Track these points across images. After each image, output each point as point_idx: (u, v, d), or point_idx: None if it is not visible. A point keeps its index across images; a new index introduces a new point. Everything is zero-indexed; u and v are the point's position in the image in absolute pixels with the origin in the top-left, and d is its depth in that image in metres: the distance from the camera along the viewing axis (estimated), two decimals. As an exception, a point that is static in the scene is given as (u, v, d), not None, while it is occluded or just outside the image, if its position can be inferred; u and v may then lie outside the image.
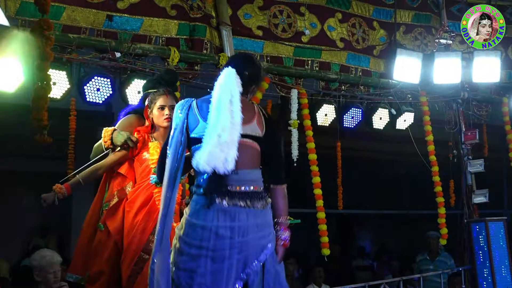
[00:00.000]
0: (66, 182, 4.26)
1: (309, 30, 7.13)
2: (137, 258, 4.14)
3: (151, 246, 4.03)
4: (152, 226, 4.16)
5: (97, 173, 4.35)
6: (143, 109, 4.60)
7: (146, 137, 4.36)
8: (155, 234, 3.49)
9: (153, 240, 4.03)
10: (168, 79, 4.73)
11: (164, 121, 4.31)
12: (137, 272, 4.12)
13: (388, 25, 7.82)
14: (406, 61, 7.37)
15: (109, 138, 4.30)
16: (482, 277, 7.37)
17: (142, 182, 4.29)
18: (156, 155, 4.23)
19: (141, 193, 4.25)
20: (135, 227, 4.19)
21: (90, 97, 5.68)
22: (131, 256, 4.15)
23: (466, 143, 7.91)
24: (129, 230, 4.20)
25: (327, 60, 7.26)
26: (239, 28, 6.64)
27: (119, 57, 5.74)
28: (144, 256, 4.13)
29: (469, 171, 7.85)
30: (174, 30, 6.18)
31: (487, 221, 7.39)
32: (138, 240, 4.17)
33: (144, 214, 4.20)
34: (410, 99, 7.78)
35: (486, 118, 8.32)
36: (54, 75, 5.34)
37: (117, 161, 4.34)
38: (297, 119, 6.78)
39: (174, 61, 5.95)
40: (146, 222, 4.19)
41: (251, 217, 3.45)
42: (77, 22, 5.60)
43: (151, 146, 4.32)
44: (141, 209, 4.22)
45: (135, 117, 4.62)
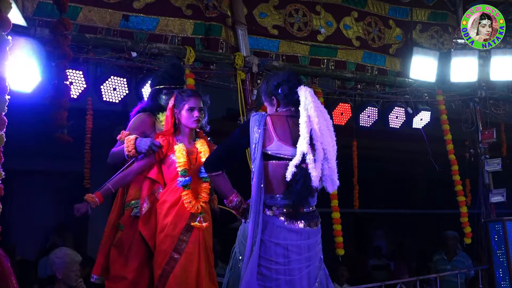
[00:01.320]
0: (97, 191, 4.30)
1: (324, 29, 7.11)
2: (168, 257, 4.20)
3: (182, 246, 4.22)
4: (182, 227, 4.26)
5: (126, 180, 4.40)
6: (152, 107, 4.64)
7: (170, 140, 4.40)
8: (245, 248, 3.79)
9: (184, 239, 4.20)
10: (174, 74, 4.74)
11: (194, 122, 4.39)
12: (169, 272, 4.18)
13: (404, 23, 7.78)
14: (423, 59, 7.33)
15: (133, 147, 4.31)
16: (499, 277, 7.31)
17: (171, 184, 4.34)
18: (182, 157, 4.31)
19: (170, 194, 4.32)
20: (166, 227, 4.25)
21: (106, 96, 5.71)
22: (162, 255, 4.22)
23: (483, 142, 7.85)
24: (160, 230, 4.27)
25: (343, 59, 7.24)
26: (255, 27, 6.64)
27: (135, 56, 5.76)
28: (175, 256, 4.21)
29: (486, 170, 7.80)
30: (190, 30, 6.19)
31: (504, 221, 7.33)
32: (169, 240, 4.23)
33: (174, 215, 4.27)
34: (426, 97, 7.74)
35: (503, 117, 8.25)
36: (71, 75, 5.38)
37: (144, 167, 4.38)
38: (313, 118, 6.75)
39: (190, 60, 5.96)
40: (176, 223, 4.26)
41: (312, 235, 3.89)
42: (93, 22, 5.63)
43: (176, 149, 4.36)
44: (170, 210, 4.28)
45: (146, 115, 4.63)
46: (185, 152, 4.34)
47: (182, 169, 4.30)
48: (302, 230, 3.82)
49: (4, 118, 3.12)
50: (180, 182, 4.29)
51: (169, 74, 4.71)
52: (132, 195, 4.45)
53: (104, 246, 4.43)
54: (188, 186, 4.30)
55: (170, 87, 4.62)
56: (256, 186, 3.77)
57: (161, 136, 4.41)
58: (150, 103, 4.67)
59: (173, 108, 4.45)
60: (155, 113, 4.66)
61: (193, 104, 4.38)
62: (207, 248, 4.36)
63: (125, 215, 4.41)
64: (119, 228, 4.39)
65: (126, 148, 4.33)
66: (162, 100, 4.63)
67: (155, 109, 4.66)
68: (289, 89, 3.95)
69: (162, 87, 4.63)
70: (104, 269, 4.40)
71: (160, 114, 4.64)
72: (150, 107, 4.67)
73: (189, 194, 4.29)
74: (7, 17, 3.22)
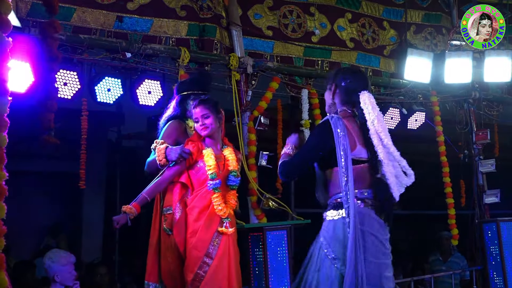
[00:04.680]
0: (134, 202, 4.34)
1: (319, 30, 7.12)
2: (201, 262, 4.25)
3: (213, 251, 4.28)
4: (213, 231, 4.31)
5: (160, 188, 4.44)
6: (181, 113, 4.71)
7: (200, 146, 4.44)
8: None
9: (215, 244, 4.27)
10: (201, 80, 4.88)
11: (202, 130, 4.45)
12: (202, 276, 4.24)
13: (398, 25, 7.80)
14: (417, 61, 7.36)
15: (164, 156, 4.36)
16: (493, 277, 7.32)
17: (200, 189, 4.38)
18: (211, 161, 4.37)
19: (199, 200, 4.36)
20: (197, 231, 4.30)
21: (101, 97, 5.70)
22: (194, 260, 4.27)
23: (477, 143, 7.87)
24: (191, 235, 4.31)
25: (337, 60, 7.25)
26: (249, 28, 6.64)
27: (129, 57, 5.76)
28: (207, 260, 4.26)
29: (480, 171, 7.82)
30: (184, 31, 6.19)
31: (498, 222, 7.34)
32: (201, 245, 4.28)
33: (205, 219, 4.31)
34: (421, 98, 7.75)
35: (497, 118, 8.28)
36: (65, 76, 5.37)
37: (175, 174, 4.42)
38: (308, 119, 6.77)
39: (184, 61, 5.96)
40: (208, 227, 4.30)
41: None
42: (87, 23, 5.63)
43: (205, 154, 4.41)
44: (201, 214, 4.33)
45: (177, 122, 4.70)
46: (213, 156, 4.40)
47: (212, 172, 4.35)
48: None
49: (6, 119, 3.11)
50: (211, 185, 4.34)
51: (197, 80, 4.86)
52: (170, 200, 4.50)
53: (155, 253, 4.48)
54: (218, 189, 4.35)
55: (198, 93, 4.70)
56: (351, 190, 3.80)
57: (190, 142, 4.45)
58: (179, 110, 4.72)
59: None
60: (184, 120, 4.72)
61: (196, 114, 4.46)
62: (235, 248, 4.43)
63: (169, 219, 4.44)
64: (167, 232, 4.43)
65: (157, 158, 4.39)
66: (189, 106, 4.69)
67: (184, 115, 4.73)
68: (354, 88, 3.98)
69: (190, 93, 4.71)
70: (158, 274, 4.46)
71: (189, 120, 4.72)
72: (179, 114, 4.72)
73: (220, 197, 4.35)
74: (7, 19, 3.21)
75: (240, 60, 6.31)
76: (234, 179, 4.49)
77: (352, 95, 3.96)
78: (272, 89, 6.60)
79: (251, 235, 5.67)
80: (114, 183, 9.27)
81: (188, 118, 4.71)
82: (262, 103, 6.46)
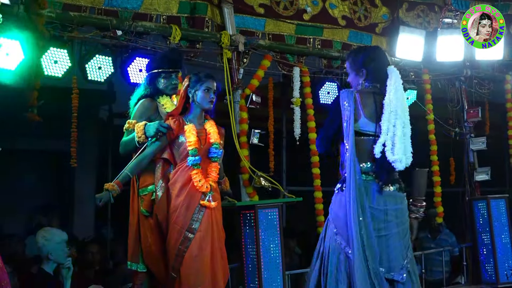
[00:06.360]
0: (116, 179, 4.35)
1: (310, 8, 7.07)
2: (182, 237, 4.27)
3: (195, 225, 4.29)
4: (194, 206, 4.32)
5: (142, 165, 4.44)
6: (152, 92, 4.69)
7: (181, 120, 4.44)
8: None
9: (196, 219, 4.27)
10: (173, 58, 4.82)
11: (209, 103, 4.48)
12: (184, 251, 4.25)
13: (390, 2, 7.76)
14: (409, 38, 7.33)
15: (142, 133, 4.38)
16: (483, 254, 7.40)
17: (181, 164, 4.40)
18: (192, 137, 4.38)
19: (180, 174, 4.37)
20: (178, 207, 4.31)
21: (91, 75, 5.67)
22: (176, 235, 4.29)
23: (468, 120, 7.91)
24: (173, 211, 4.33)
25: (329, 38, 7.23)
26: (241, 6, 6.60)
27: (120, 35, 5.72)
28: (189, 235, 4.27)
29: (471, 149, 7.86)
30: (175, 8, 6.14)
31: (488, 199, 7.41)
32: (182, 220, 4.29)
33: (186, 194, 4.33)
34: (412, 76, 7.75)
35: (488, 96, 8.30)
36: (55, 54, 5.33)
37: (157, 150, 4.44)
38: (299, 97, 6.77)
39: (175, 39, 5.93)
40: (189, 202, 4.32)
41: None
42: (77, 0, 5.57)
43: (187, 129, 4.42)
44: (182, 189, 4.34)
45: (148, 101, 4.69)
46: (195, 132, 4.41)
47: (193, 148, 4.36)
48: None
49: None
50: (190, 161, 4.35)
51: (167, 58, 4.79)
52: (148, 180, 4.50)
53: (136, 233, 4.52)
54: (198, 165, 4.36)
55: (169, 71, 4.70)
56: (350, 160, 3.93)
57: (171, 118, 4.45)
58: (150, 88, 4.71)
59: (187, 88, 4.50)
60: (155, 98, 4.71)
61: (210, 85, 4.48)
62: (218, 225, 4.44)
63: (146, 200, 4.47)
64: (144, 214, 4.46)
65: (137, 135, 4.41)
66: (160, 84, 4.71)
67: (155, 93, 4.71)
68: (381, 66, 4.11)
69: (160, 70, 4.69)
70: (140, 255, 4.52)
71: (160, 98, 4.71)
72: (150, 92, 4.71)
73: (199, 173, 4.36)
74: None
75: (231, 38, 6.28)
76: (216, 151, 4.49)
77: (381, 73, 4.09)
78: (263, 67, 6.57)
79: (243, 213, 5.69)
80: (106, 161, 9.24)
81: (159, 96, 4.71)
82: (254, 81, 6.44)
